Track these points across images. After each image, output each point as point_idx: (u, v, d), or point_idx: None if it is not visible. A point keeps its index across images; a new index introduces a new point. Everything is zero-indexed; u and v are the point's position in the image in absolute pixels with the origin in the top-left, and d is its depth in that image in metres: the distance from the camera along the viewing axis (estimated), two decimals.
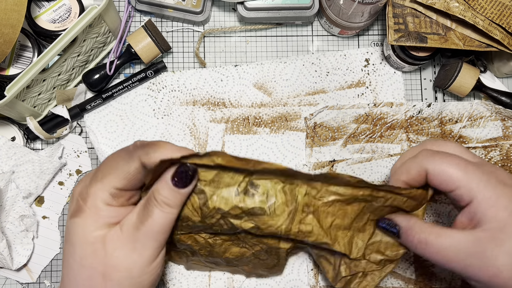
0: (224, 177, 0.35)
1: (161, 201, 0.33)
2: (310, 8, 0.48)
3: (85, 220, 0.33)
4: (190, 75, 0.49)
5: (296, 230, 0.36)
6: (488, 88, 0.48)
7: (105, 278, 0.33)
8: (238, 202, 0.35)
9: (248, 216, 0.36)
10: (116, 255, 0.32)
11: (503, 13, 0.43)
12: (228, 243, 0.40)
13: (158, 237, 0.33)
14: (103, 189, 0.33)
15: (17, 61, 0.44)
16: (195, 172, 0.33)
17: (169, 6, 0.47)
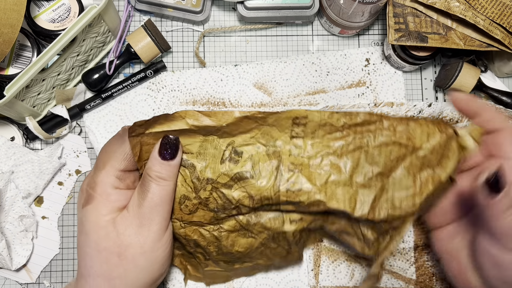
0: (208, 148, 0.37)
1: (155, 176, 0.35)
2: (310, 8, 0.48)
3: (96, 206, 0.35)
4: (190, 75, 0.49)
5: (284, 190, 0.37)
6: (489, 88, 0.48)
7: (120, 257, 0.35)
8: (224, 169, 0.37)
9: (236, 183, 0.37)
10: (127, 234, 0.35)
11: (503, 13, 0.43)
12: (234, 234, 0.40)
13: (160, 209, 0.35)
14: (108, 174, 0.35)
15: (17, 61, 0.44)
16: (177, 141, 0.36)
17: (169, 6, 0.47)
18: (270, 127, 0.37)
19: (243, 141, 0.37)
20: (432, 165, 0.36)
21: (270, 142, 0.37)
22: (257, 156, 0.37)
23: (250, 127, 0.37)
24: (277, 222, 0.40)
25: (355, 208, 0.37)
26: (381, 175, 0.37)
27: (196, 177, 0.37)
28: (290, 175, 0.37)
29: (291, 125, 0.37)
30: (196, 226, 0.39)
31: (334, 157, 0.37)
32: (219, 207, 0.38)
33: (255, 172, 0.37)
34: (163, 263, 0.36)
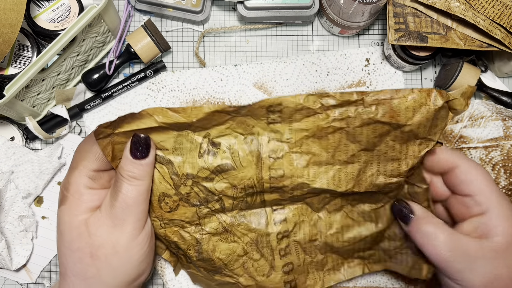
0: (184, 143, 0.36)
1: (127, 176, 0.35)
2: (310, 8, 0.48)
3: (69, 207, 0.35)
4: (189, 75, 0.49)
5: (267, 177, 0.36)
6: (489, 88, 0.48)
7: (93, 257, 0.35)
8: (204, 163, 0.36)
9: (217, 175, 0.36)
10: (99, 234, 0.34)
11: (503, 13, 0.43)
12: (215, 238, 0.39)
13: (133, 210, 0.35)
14: (81, 174, 0.35)
15: (16, 61, 0.44)
16: (148, 139, 0.35)
17: (169, 6, 0.47)
18: (245, 117, 0.36)
19: (219, 132, 0.36)
20: (419, 136, 0.35)
21: (247, 130, 0.36)
22: (236, 146, 0.36)
23: (223, 119, 0.36)
24: (261, 223, 0.39)
25: (339, 185, 0.37)
26: (365, 150, 0.36)
27: (174, 173, 0.36)
28: (272, 161, 0.36)
29: (266, 113, 0.35)
30: (176, 228, 0.39)
31: (314, 139, 0.36)
32: (202, 200, 0.37)
33: (236, 163, 0.36)
34: (139, 263, 0.36)
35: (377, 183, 0.37)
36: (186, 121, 0.35)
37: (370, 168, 0.37)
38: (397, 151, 0.36)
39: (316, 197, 0.39)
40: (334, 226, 0.41)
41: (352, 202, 0.40)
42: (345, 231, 0.41)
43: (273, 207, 0.40)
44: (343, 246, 0.41)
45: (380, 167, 0.37)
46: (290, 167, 0.36)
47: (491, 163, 0.45)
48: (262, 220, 0.39)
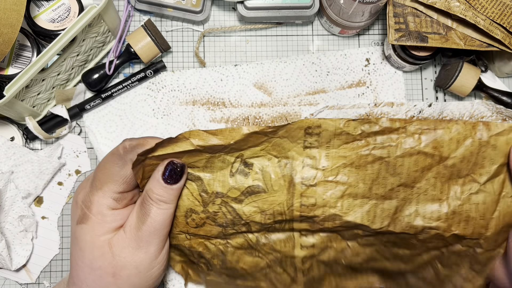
0: (215, 162, 0.35)
1: (156, 199, 0.34)
2: (310, 8, 0.48)
3: (92, 227, 0.35)
4: (189, 75, 0.49)
5: (298, 205, 0.35)
6: (489, 88, 0.48)
7: (115, 277, 0.35)
8: (235, 183, 0.35)
9: (247, 197, 0.35)
10: (123, 256, 0.34)
11: (504, 13, 0.43)
12: (241, 251, 0.38)
13: (159, 233, 0.35)
14: (105, 196, 0.35)
15: (16, 61, 0.44)
16: (184, 167, 0.35)
17: (169, 6, 0.47)
18: (281, 139, 0.34)
19: (253, 153, 0.35)
20: (462, 174, 0.33)
21: (282, 154, 0.35)
22: (269, 168, 0.35)
23: (259, 141, 0.35)
24: (287, 246, 0.38)
25: (374, 221, 0.34)
26: (404, 186, 0.34)
27: (204, 190, 0.35)
28: (304, 188, 0.35)
29: (304, 135, 0.34)
30: (202, 239, 0.38)
31: (352, 168, 0.34)
32: (228, 222, 0.36)
33: (267, 186, 0.35)
34: (157, 279, 0.37)
35: (414, 225, 0.34)
36: (223, 144, 0.34)
37: (408, 206, 0.34)
38: (438, 189, 0.34)
39: (348, 231, 0.37)
40: (360, 256, 0.38)
41: (387, 244, 0.37)
42: (371, 261, 0.38)
43: (302, 232, 0.38)
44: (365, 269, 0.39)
45: (419, 207, 0.34)
46: (324, 196, 0.35)
47: None
48: (288, 244, 0.38)
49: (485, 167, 0.33)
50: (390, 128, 0.34)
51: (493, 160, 0.33)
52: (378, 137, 0.34)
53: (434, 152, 0.33)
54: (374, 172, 0.34)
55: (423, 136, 0.33)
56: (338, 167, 0.34)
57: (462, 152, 0.33)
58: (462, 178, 0.34)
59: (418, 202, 0.34)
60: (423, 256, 0.37)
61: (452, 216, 0.34)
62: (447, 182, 0.34)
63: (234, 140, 0.33)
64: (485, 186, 0.33)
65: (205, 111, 0.48)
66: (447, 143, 0.33)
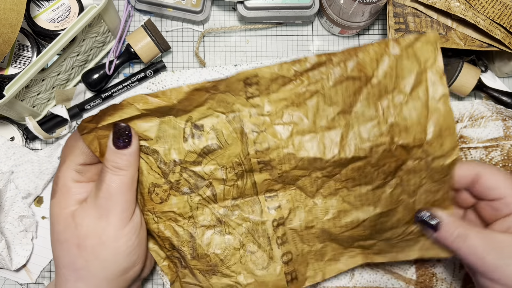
0: (167, 129, 0.36)
1: (111, 166, 0.35)
2: (310, 8, 0.48)
3: (58, 200, 0.36)
4: (189, 75, 0.49)
5: (253, 152, 0.37)
6: (489, 88, 0.48)
7: (79, 248, 0.35)
8: (190, 146, 0.36)
9: (204, 157, 0.37)
10: (85, 225, 0.35)
11: (504, 13, 0.43)
12: (210, 232, 0.39)
13: (117, 199, 0.35)
14: (68, 169, 0.36)
15: (16, 61, 0.44)
16: (128, 128, 0.35)
17: (169, 6, 0.47)
18: (224, 94, 0.36)
19: (201, 114, 0.36)
20: (389, 89, 0.36)
21: (228, 109, 0.36)
22: (219, 125, 0.37)
23: (202, 99, 0.36)
24: (255, 211, 0.39)
25: (325, 152, 0.37)
26: (343, 113, 0.36)
27: (161, 161, 0.36)
28: (256, 136, 0.37)
29: (244, 87, 0.36)
30: (169, 222, 0.38)
31: (293, 107, 0.36)
32: (192, 186, 0.37)
33: (221, 142, 0.37)
34: (127, 254, 0.36)
35: (362, 147, 0.37)
36: (168, 104, 0.35)
37: (351, 131, 0.37)
38: (373, 108, 0.36)
39: (308, 177, 0.39)
40: (330, 211, 0.40)
41: (347, 185, 0.39)
42: (342, 216, 0.40)
43: (266, 194, 0.39)
44: (341, 232, 0.40)
45: (361, 129, 0.36)
46: (274, 139, 0.37)
47: (491, 163, 0.45)
48: (255, 208, 0.39)
49: (406, 77, 0.36)
50: (319, 63, 0.36)
51: (410, 70, 0.36)
52: (309, 73, 0.36)
53: (360, 75, 0.36)
54: (314, 106, 0.36)
55: (347, 62, 0.36)
56: (281, 109, 0.37)
57: (383, 69, 0.36)
58: (390, 93, 0.36)
59: (359, 124, 0.36)
60: (385, 189, 0.38)
61: (392, 129, 0.36)
62: (379, 100, 0.36)
63: (177, 99, 0.35)
64: (411, 96, 0.36)
65: None
66: (369, 63, 0.36)
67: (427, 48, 0.36)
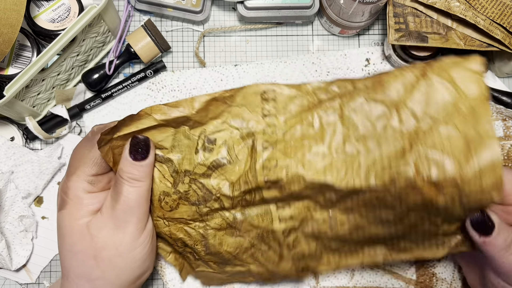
0: (182, 139, 0.36)
1: (127, 178, 0.34)
2: (310, 8, 0.48)
3: (69, 211, 0.35)
4: (189, 75, 0.49)
5: (260, 168, 0.35)
6: (489, 88, 0.48)
7: (96, 259, 0.35)
8: (200, 159, 0.36)
9: (214, 171, 0.36)
10: (101, 236, 0.35)
11: (504, 13, 0.43)
12: (221, 233, 0.39)
13: (134, 211, 0.35)
14: (79, 179, 0.35)
15: (16, 61, 0.44)
16: (147, 140, 0.35)
17: (169, 6, 0.47)
18: (240, 108, 0.35)
19: (215, 128, 0.36)
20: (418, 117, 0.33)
21: (243, 125, 0.36)
22: (231, 140, 0.36)
23: (219, 110, 0.35)
24: (265, 220, 0.38)
25: (337, 177, 0.34)
26: (363, 138, 0.34)
27: (174, 170, 0.36)
28: (265, 152, 0.35)
29: (261, 102, 0.35)
30: (180, 224, 0.38)
31: (309, 128, 0.35)
32: (200, 199, 0.37)
33: (231, 157, 0.36)
34: (142, 262, 0.36)
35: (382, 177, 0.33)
36: (185, 115, 0.35)
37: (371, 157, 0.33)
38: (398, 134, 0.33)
39: (322, 195, 0.36)
40: (346, 225, 0.37)
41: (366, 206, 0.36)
42: (360, 230, 0.37)
43: (278, 203, 0.37)
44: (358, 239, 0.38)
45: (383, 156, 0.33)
46: (284, 156, 0.35)
47: None
48: (266, 217, 0.38)
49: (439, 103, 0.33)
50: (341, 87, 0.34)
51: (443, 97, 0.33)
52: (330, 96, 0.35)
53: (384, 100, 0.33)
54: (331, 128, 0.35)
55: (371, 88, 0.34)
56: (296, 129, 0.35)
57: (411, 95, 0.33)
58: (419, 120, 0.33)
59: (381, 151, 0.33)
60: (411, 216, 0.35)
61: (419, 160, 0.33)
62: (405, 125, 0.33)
63: (195, 109, 0.34)
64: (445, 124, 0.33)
65: None
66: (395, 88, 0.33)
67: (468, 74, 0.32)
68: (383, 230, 0.37)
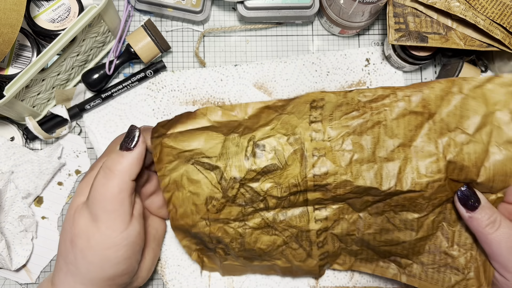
0: (230, 147, 0.37)
1: (104, 165, 0.34)
2: (310, 8, 0.48)
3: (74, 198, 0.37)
4: (189, 75, 0.49)
5: (311, 176, 0.37)
6: None
7: (72, 243, 0.35)
8: (251, 165, 0.37)
9: (263, 176, 0.38)
10: (79, 223, 0.35)
11: (504, 13, 0.43)
12: (258, 231, 0.40)
13: (104, 206, 0.34)
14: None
15: (16, 61, 0.44)
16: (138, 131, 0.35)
17: (169, 6, 0.47)
18: (289, 115, 0.37)
19: (263, 134, 0.38)
20: (451, 128, 0.36)
21: (290, 131, 0.38)
22: (280, 146, 0.38)
23: (269, 118, 0.37)
24: (302, 221, 0.40)
25: (381, 183, 0.37)
26: (403, 146, 0.37)
27: (222, 177, 0.37)
28: (315, 160, 0.37)
29: (309, 110, 0.37)
30: (221, 224, 0.39)
31: (355, 136, 0.37)
32: (247, 200, 0.38)
33: (281, 163, 0.37)
34: (116, 263, 0.35)
35: (419, 182, 0.37)
36: (238, 119, 0.37)
37: (410, 165, 0.37)
38: (433, 145, 0.37)
39: (359, 199, 0.39)
40: (373, 227, 0.40)
41: (395, 209, 0.39)
42: (384, 233, 0.40)
43: (315, 206, 0.40)
44: (379, 246, 0.41)
45: (420, 164, 0.37)
46: (334, 165, 0.37)
47: None
48: (303, 219, 0.40)
49: (470, 118, 0.36)
50: (383, 95, 0.37)
51: (476, 111, 0.36)
52: (373, 104, 0.37)
53: (423, 110, 0.37)
54: (375, 136, 0.37)
55: (412, 97, 0.37)
56: (342, 136, 0.37)
57: (448, 107, 0.36)
58: (453, 131, 0.37)
59: (418, 159, 0.37)
60: (429, 216, 0.38)
61: (449, 166, 0.37)
62: (440, 137, 0.37)
63: (248, 115, 0.36)
64: (474, 137, 0.36)
65: None
66: (433, 100, 0.37)
67: (499, 91, 0.36)
68: (405, 236, 0.39)
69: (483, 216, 0.36)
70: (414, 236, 0.39)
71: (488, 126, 0.36)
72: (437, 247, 0.40)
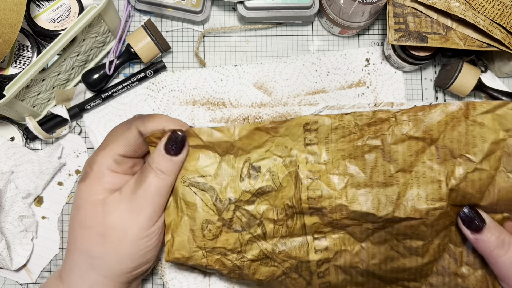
0: (226, 168, 0.37)
1: (155, 168, 0.36)
2: (310, 8, 0.48)
3: (89, 184, 0.37)
4: (189, 75, 0.49)
5: (305, 198, 0.37)
6: (489, 88, 0.48)
7: (103, 237, 0.35)
8: (245, 187, 0.37)
9: (258, 197, 0.37)
10: (114, 216, 0.35)
11: (503, 13, 0.43)
12: (256, 263, 0.39)
13: (153, 200, 0.36)
14: (107, 155, 0.37)
15: (17, 61, 0.44)
16: (184, 138, 0.37)
17: (169, 6, 0.47)
18: (283, 138, 0.37)
19: (259, 156, 0.37)
20: (456, 154, 0.35)
21: (286, 153, 0.37)
22: (275, 168, 0.37)
23: (263, 140, 0.37)
24: (302, 251, 0.39)
25: (378, 209, 0.36)
26: (403, 171, 0.36)
27: (217, 198, 0.37)
28: (309, 182, 0.37)
29: (303, 132, 0.37)
30: (218, 255, 0.39)
31: (351, 159, 0.37)
32: (244, 225, 0.38)
33: (275, 185, 0.37)
34: (145, 252, 0.37)
35: (419, 208, 0.36)
36: (229, 140, 0.37)
37: (410, 191, 0.36)
38: (436, 171, 0.35)
39: (358, 227, 0.38)
40: (377, 256, 0.39)
41: (398, 237, 0.38)
42: (389, 261, 0.39)
43: (314, 235, 0.39)
44: (385, 274, 0.39)
45: (421, 190, 0.35)
46: (328, 188, 0.37)
47: None
48: (303, 249, 0.39)
49: (478, 145, 0.35)
50: (382, 119, 0.36)
51: (484, 138, 0.35)
52: (371, 128, 0.36)
53: (424, 136, 0.36)
54: (372, 160, 0.36)
55: (412, 122, 0.36)
56: (338, 159, 0.37)
57: (451, 133, 0.35)
58: (457, 158, 0.35)
59: (419, 185, 0.36)
60: (434, 241, 0.37)
61: (451, 193, 0.36)
62: (443, 163, 0.36)
63: (238, 136, 0.36)
64: (481, 164, 0.35)
65: (205, 111, 0.48)
66: (436, 125, 0.35)
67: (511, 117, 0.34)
68: (411, 262, 0.38)
69: (490, 237, 0.34)
70: (420, 262, 0.38)
71: (498, 152, 0.35)
72: (445, 268, 0.38)
